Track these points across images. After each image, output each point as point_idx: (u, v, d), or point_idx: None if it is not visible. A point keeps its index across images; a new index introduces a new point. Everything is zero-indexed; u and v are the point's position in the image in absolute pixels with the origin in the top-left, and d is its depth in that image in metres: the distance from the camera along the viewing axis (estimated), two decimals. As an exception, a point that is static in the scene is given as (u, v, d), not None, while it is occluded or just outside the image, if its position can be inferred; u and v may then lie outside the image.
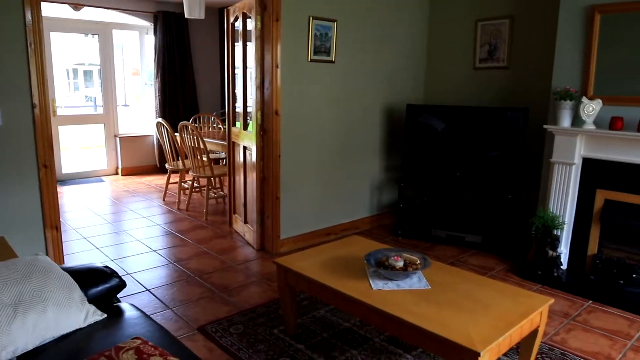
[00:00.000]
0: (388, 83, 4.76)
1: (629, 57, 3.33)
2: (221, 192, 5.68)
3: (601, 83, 3.46)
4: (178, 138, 5.55)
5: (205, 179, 5.26)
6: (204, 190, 5.81)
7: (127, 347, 1.49)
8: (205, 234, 4.61)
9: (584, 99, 3.41)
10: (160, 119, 5.48)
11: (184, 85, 7.46)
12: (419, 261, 2.48)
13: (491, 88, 4.60)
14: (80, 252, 4.06)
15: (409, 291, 2.31)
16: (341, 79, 4.32)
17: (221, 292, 3.35)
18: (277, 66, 3.79)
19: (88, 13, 6.63)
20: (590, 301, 3.32)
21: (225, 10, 4.49)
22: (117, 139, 7.21)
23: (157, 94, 7.26)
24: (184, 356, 1.59)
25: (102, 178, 7.08)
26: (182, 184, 5.62)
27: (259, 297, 3.30)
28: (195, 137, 5.01)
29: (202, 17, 5.73)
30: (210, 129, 6.82)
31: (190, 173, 5.31)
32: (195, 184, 5.59)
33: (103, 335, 1.75)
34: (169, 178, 5.77)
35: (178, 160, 5.78)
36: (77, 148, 9.15)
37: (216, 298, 3.27)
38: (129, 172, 7.31)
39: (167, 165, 5.65)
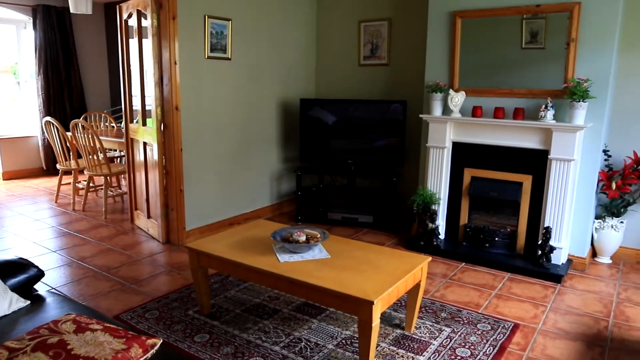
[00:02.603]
0: (282, 78, 5.06)
1: (484, 56, 3.95)
2: (119, 190, 5.61)
3: (464, 77, 4.05)
4: (70, 137, 5.38)
5: (101, 178, 5.18)
6: (99, 189, 5.70)
7: (64, 320, 1.62)
8: (106, 232, 4.58)
9: (451, 92, 3.97)
10: (49, 118, 5.28)
11: (70, 83, 7.16)
12: (319, 235, 2.81)
13: (375, 83, 5.09)
14: (-30, 259, 3.86)
15: (312, 260, 2.62)
16: (238, 75, 4.54)
17: (132, 284, 3.43)
18: (175, 63, 3.91)
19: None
20: (464, 263, 3.90)
21: (117, 6, 4.48)
22: (-4, 141, 6.74)
23: (40, 93, 6.88)
24: (118, 325, 1.75)
25: (-20, 183, 6.58)
26: (76, 184, 5.46)
27: (170, 285, 3.43)
28: (90, 136, 4.92)
29: (90, 12, 5.62)
30: (103, 127, 6.63)
31: (85, 172, 5.19)
32: (90, 184, 5.46)
33: (30, 318, 1.84)
34: (60, 179, 5.57)
35: (70, 160, 5.60)
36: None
37: (127, 290, 3.35)
38: (11, 176, 6.85)
39: (58, 166, 5.45)
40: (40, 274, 2.15)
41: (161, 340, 1.61)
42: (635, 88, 3.79)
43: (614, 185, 3.78)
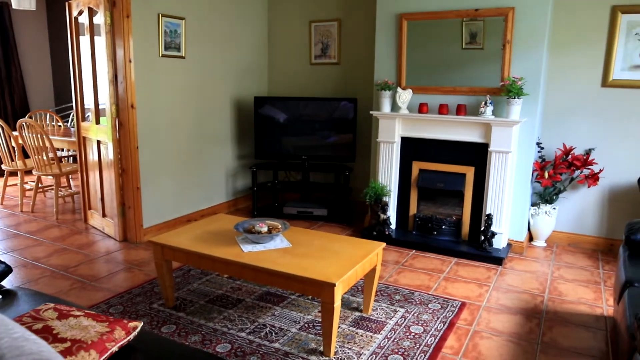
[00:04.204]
0: (236, 77, 5.15)
1: (429, 55, 4.21)
2: (69, 190, 5.50)
3: (411, 76, 4.29)
4: (15, 137, 5.23)
5: (50, 178, 5.08)
6: (48, 190, 5.58)
7: (45, 308, 1.69)
8: (59, 232, 4.51)
9: (399, 89, 4.21)
10: (-7, 117, 5.11)
11: (10, 81, 6.91)
12: (280, 226, 2.95)
13: (326, 81, 5.28)
14: None
15: (275, 250, 2.76)
16: (193, 73, 4.59)
17: (92, 282, 3.44)
18: (130, 61, 3.93)
19: None
20: (414, 250, 4.14)
21: (67, 3, 4.42)
22: None
23: (-22, 91, 6.61)
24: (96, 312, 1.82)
25: None
26: (24, 185, 5.32)
27: (131, 281, 3.47)
28: (39, 135, 4.81)
29: (33, 8, 5.49)
30: (49, 127, 6.45)
31: (34, 172, 5.07)
32: (38, 184, 5.33)
33: (6, 310, 1.88)
34: (6, 180, 5.40)
35: (16, 160, 5.44)
36: None
37: (88, 287, 3.35)
38: (-52, 178, 6.54)
39: (3, 167, 5.29)
40: (8, 270, 2.17)
41: (142, 323, 1.71)
42: (564, 86, 4.17)
43: (546, 175, 4.14)
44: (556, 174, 4.12)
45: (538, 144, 4.21)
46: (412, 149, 4.31)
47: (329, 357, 2.49)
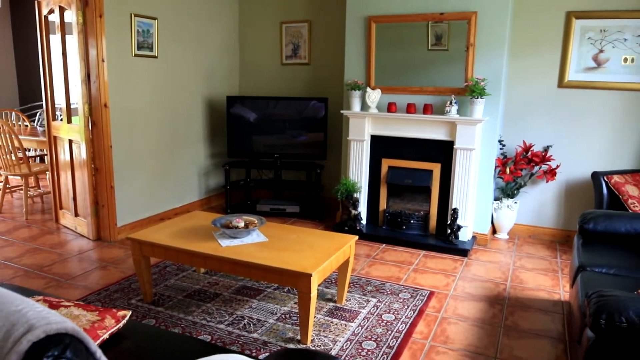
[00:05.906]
0: (208, 77, 5.21)
1: (397, 56, 4.37)
2: (39, 190, 5.44)
3: (380, 76, 4.45)
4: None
5: (17, 179, 5.02)
6: (16, 190, 5.50)
7: (35, 300, 1.74)
8: (30, 232, 4.47)
9: (368, 89, 4.36)
10: (-42, 117, 5.01)
11: (-27, 80, 6.76)
12: (256, 221, 3.05)
13: (297, 81, 5.39)
14: None
15: (252, 244, 2.86)
16: (165, 73, 4.63)
17: (68, 280, 3.46)
18: (103, 60, 3.95)
19: None
20: (384, 244, 4.30)
21: (36, 2, 4.39)
22: None
23: (-61, 90, 6.43)
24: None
25: None
26: (-10, 185, 5.23)
27: (107, 278, 3.50)
28: (7, 134, 4.75)
29: (-1, 6, 5.39)
30: (17, 126, 6.34)
31: (1, 173, 5.00)
32: (5, 185, 5.25)
33: (-8, 304, 1.92)
34: (-29, 181, 5.30)
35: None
36: None
37: (64, 285, 3.37)
38: None
39: (-31, 167, 5.19)
40: (-10, 266, 2.20)
41: (130, 312, 1.78)
42: (523, 86, 4.40)
43: (508, 171, 4.36)
44: (517, 169, 4.34)
45: (500, 141, 4.44)
46: (381, 146, 4.46)
47: (305, 345, 2.61)
